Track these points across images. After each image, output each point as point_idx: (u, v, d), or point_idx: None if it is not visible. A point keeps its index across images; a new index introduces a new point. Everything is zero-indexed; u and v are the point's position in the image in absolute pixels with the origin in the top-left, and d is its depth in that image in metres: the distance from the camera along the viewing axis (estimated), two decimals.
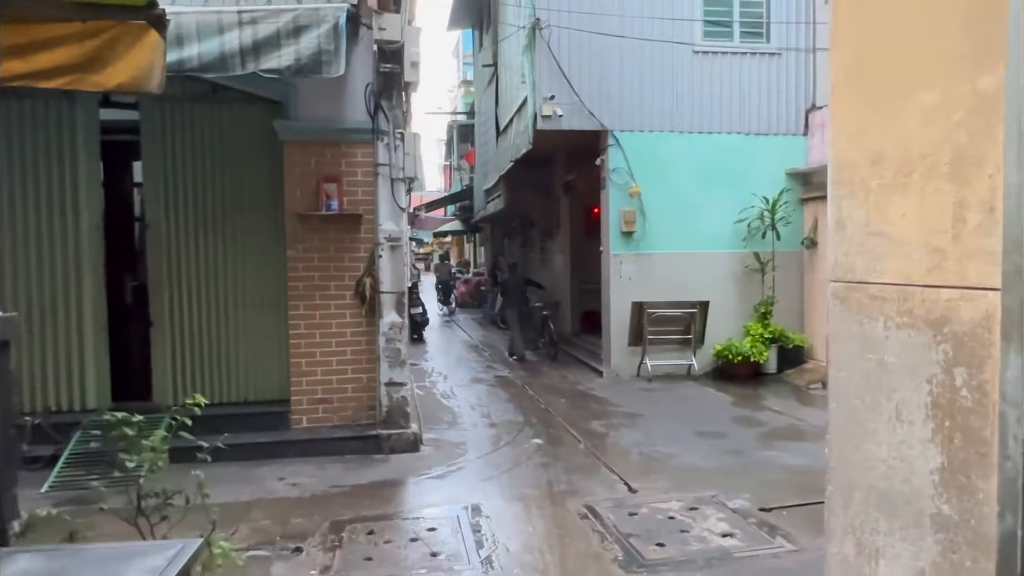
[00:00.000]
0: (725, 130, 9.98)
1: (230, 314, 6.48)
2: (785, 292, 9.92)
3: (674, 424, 7.26)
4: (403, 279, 6.28)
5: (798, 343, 9.77)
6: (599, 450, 6.34)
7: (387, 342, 6.22)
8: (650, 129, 9.83)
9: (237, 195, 6.44)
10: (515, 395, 8.84)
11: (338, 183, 6.25)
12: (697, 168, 9.95)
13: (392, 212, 6.25)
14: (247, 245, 6.47)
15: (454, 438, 6.77)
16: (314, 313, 6.29)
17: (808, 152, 10.07)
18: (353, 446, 6.15)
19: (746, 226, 9.96)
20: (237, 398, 6.54)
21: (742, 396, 8.63)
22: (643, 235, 9.82)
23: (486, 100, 14.66)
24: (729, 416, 7.63)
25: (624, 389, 9.11)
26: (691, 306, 9.76)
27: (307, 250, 6.27)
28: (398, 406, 6.26)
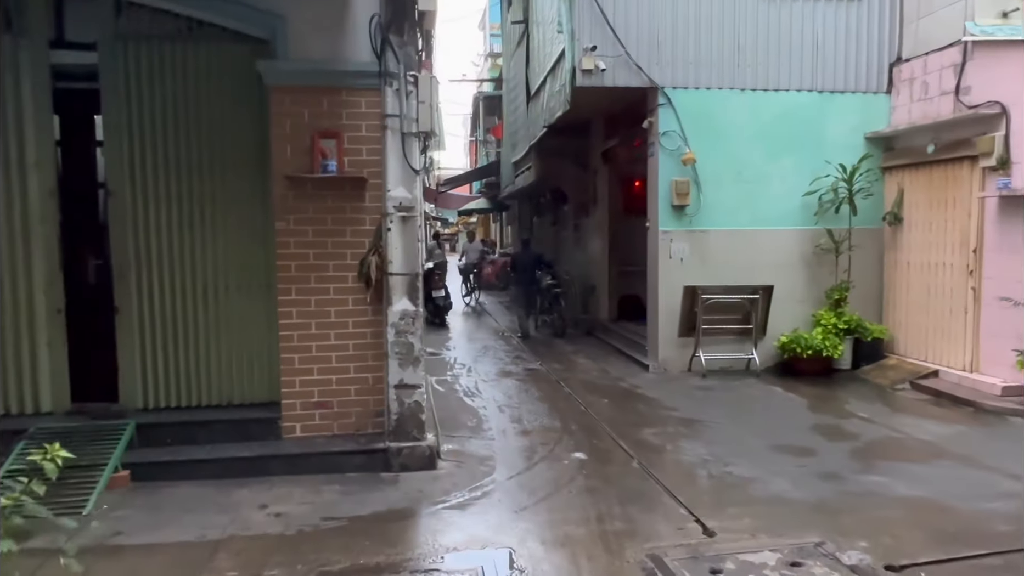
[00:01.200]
0: (795, 87, 8.58)
1: (209, 299, 5.37)
2: (861, 275, 8.56)
3: (744, 434, 6.02)
4: (417, 258, 5.10)
5: (877, 335, 8.42)
6: (657, 469, 5.14)
7: (397, 335, 5.06)
8: (707, 86, 8.47)
9: (218, 155, 5.30)
10: (549, 393, 7.66)
11: (337, 139, 5.07)
12: (761, 131, 8.58)
13: (403, 175, 5.06)
14: (230, 216, 5.34)
15: (479, 450, 5.62)
16: (309, 299, 5.15)
17: (892, 112, 8.63)
18: (356, 462, 5.03)
19: (817, 199, 8.59)
20: (218, 400, 5.45)
21: (817, 398, 7.34)
22: (697, 209, 8.50)
23: (515, 62, 13.36)
24: (808, 424, 6.36)
25: (675, 387, 7.86)
26: (752, 291, 8.45)
27: (299, 222, 5.11)
28: (411, 413, 5.11)
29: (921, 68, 8.13)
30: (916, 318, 8.23)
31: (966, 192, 7.46)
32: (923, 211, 8.10)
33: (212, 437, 5.12)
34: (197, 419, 5.19)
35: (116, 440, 4.83)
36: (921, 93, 8.13)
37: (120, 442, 4.82)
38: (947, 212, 7.74)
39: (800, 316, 8.66)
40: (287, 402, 5.19)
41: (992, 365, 7.15)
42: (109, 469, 4.63)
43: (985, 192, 7.14)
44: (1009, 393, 6.78)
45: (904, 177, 8.39)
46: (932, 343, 7.95)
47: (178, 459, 4.87)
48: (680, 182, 8.39)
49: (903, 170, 8.39)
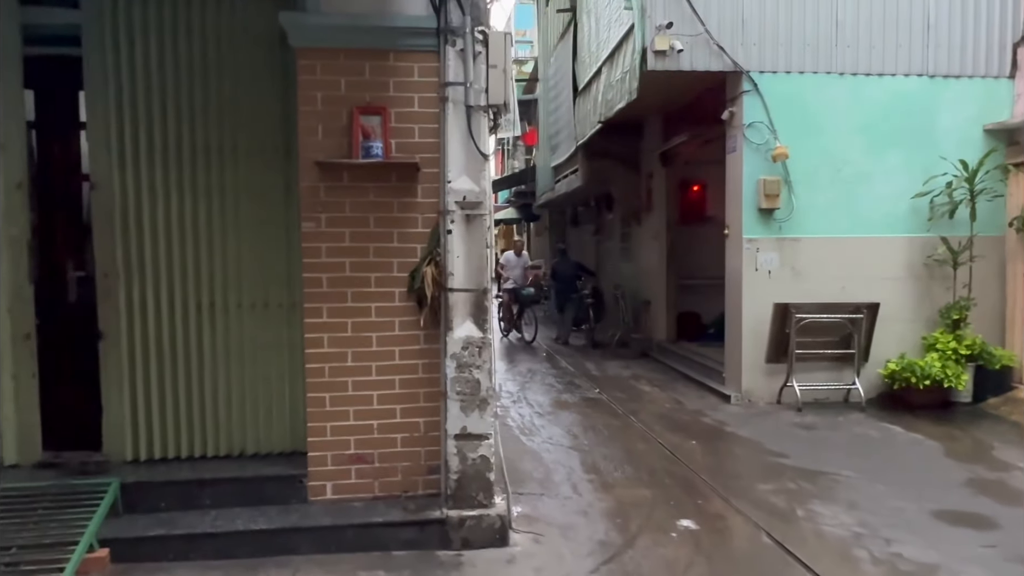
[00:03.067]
0: (902, 71, 7.33)
1: (217, 321, 4.22)
2: (980, 291, 7.26)
3: (887, 493, 4.74)
4: (485, 270, 3.92)
5: (1006, 362, 7.10)
6: (798, 547, 3.89)
7: (459, 369, 3.88)
8: (799, 70, 7.26)
9: (230, 137, 4.17)
10: (620, 430, 6.43)
11: (383, 116, 3.92)
12: (863, 123, 7.34)
13: (468, 161, 3.89)
14: (245, 215, 4.20)
15: (556, 515, 4.39)
16: (344, 322, 3.98)
17: (1016, 100, 7.35)
18: (404, 536, 3.83)
19: (928, 202, 7.32)
20: (227, 450, 4.28)
21: (950, 439, 6.04)
22: (789, 213, 7.26)
23: (558, 57, 12.24)
24: (962, 479, 5.07)
25: (770, 424, 6.59)
26: (854, 310, 7.17)
27: (333, 222, 3.95)
28: (476, 472, 3.91)
29: None
30: None
31: None
32: None
33: (218, 500, 3.95)
34: (199, 476, 4.02)
35: (94, 506, 3.67)
36: None
37: (99, 509, 3.65)
38: None
39: (908, 339, 7.37)
40: (315, 454, 4.01)
41: None
42: (82, 548, 3.45)
43: None
44: None
45: None
46: None
47: (173, 532, 3.70)
48: (769, 181, 7.16)
49: None
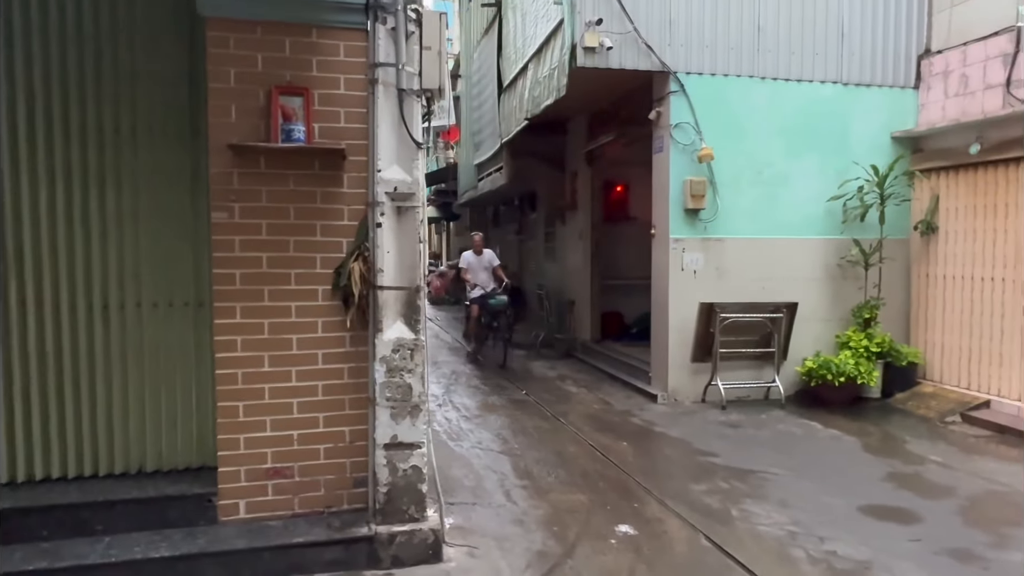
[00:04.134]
0: (819, 78, 7.57)
1: (112, 321, 3.75)
2: (888, 292, 7.58)
3: (815, 490, 4.80)
4: (419, 266, 3.65)
5: (912, 359, 7.44)
6: (737, 549, 3.84)
7: (389, 373, 3.59)
8: (724, 72, 7.35)
9: (125, 117, 3.72)
10: (550, 432, 6.28)
11: (305, 97, 3.58)
12: (782, 127, 7.52)
13: (400, 149, 3.61)
14: (143, 204, 3.76)
15: (491, 525, 4.17)
16: (260, 323, 3.61)
17: (921, 110, 7.73)
18: (328, 556, 3.51)
19: (841, 205, 7.58)
20: (123, 467, 3.82)
21: (866, 435, 6.24)
22: (714, 214, 7.34)
23: (482, 53, 12.02)
24: (882, 474, 5.20)
25: (698, 423, 6.62)
26: (775, 309, 7.33)
27: (248, 213, 3.58)
28: (408, 484, 3.63)
29: (959, 59, 7.25)
30: (955, 340, 7.29)
31: (1022, 197, 6.56)
32: (964, 219, 7.19)
33: (113, 525, 3.50)
34: (91, 498, 3.55)
35: None
36: (959, 87, 7.24)
37: None
38: (996, 220, 6.83)
39: (823, 337, 7.62)
40: (227, 469, 3.62)
41: None
42: None
43: None
44: None
45: (939, 181, 7.47)
46: (978, 368, 7.01)
47: (57, 565, 3.23)
48: (695, 182, 7.21)
49: (937, 173, 7.48)
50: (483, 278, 9.88)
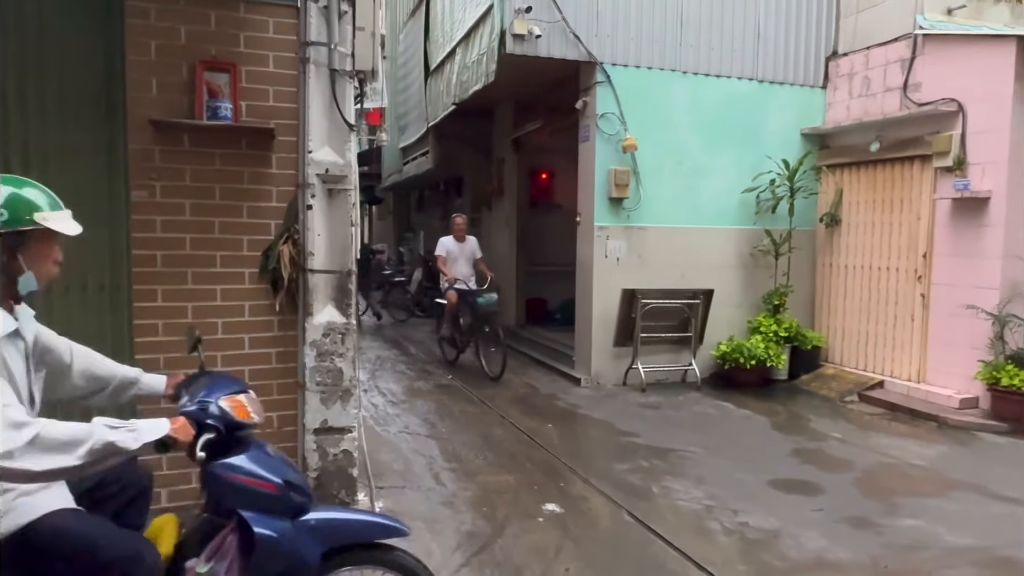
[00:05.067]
0: (736, 74, 7.90)
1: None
2: (796, 279, 8.05)
3: (729, 466, 5.09)
4: (350, 249, 3.61)
5: (816, 343, 7.95)
6: (657, 522, 4.04)
7: (319, 357, 3.56)
8: (648, 65, 7.57)
9: (31, 85, 3.48)
10: (477, 416, 6.36)
11: (232, 73, 3.47)
12: (702, 120, 7.82)
13: (331, 130, 3.56)
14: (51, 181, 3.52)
15: (420, 509, 4.21)
16: (183, 306, 3.50)
17: (828, 108, 8.21)
18: None
19: (755, 197, 7.97)
20: None
21: (774, 415, 6.64)
22: (636, 203, 7.57)
23: (409, 34, 11.86)
24: (788, 450, 5.56)
25: (619, 405, 6.86)
26: (693, 296, 7.66)
27: (171, 192, 3.45)
28: (338, 468, 3.62)
29: (863, 62, 7.74)
30: (854, 325, 7.83)
31: (916, 193, 7.11)
32: (864, 212, 7.71)
33: None
34: None
35: None
36: (862, 89, 7.74)
37: None
38: (893, 214, 7.37)
39: (736, 323, 8.02)
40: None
41: (942, 375, 6.82)
42: None
43: (939, 194, 6.78)
44: (967, 405, 6.43)
45: (843, 176, 7.97)
46: (874, 352, 7.57)
47: None
48: (619, 171, 7.41)
49: (841, 169, 7.98)
50: (464, 271, 8.24)
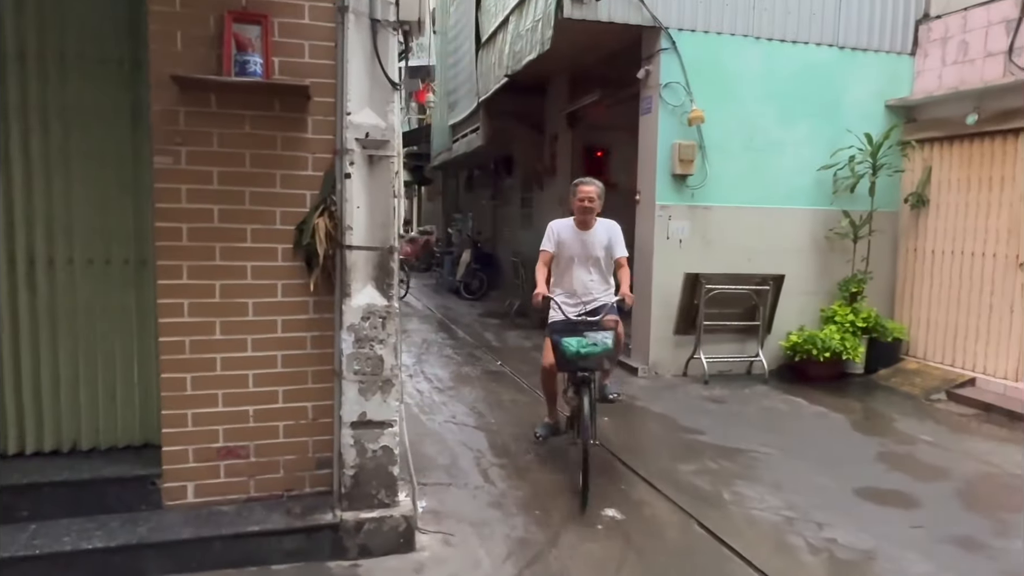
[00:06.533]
0: (815, 40, 7.22)
1: (39, 281, 3.28)
2: (874, 265, 7.37)
3: (807, 471, 4.57)
4: (392, 223, 3.24)
5: (897, 335, 7.28)
6: (731, 536, 3.58)
7: (358, 343, 3.20)
8: (718, 30, 6.96)
9: (51, 42, 3.20)
10: (530, 406, 5.97)
11: (264, 26, 3.11)
12: (776, 91, 7.17)
13: (373, 90, 3.17)
14: (73, 146, 3.26)
15: (466, 510, 3.84)
16: (211, 284, 3.18)
17: (916, 77, 7.45)
18: (288, 546, 3.14)
19: (832, 175, 7.31)
20: (54, 445, 3.39)
21: (849, 411, 6.06)
22: (702, 180, 7.00)
23: (460, 6, 11.42)
24: (873, 453, 5.00)
25: (680, 398, 6.37)
26: (761, 282, 7.08)
27: (197, 159, 3.12)
28: (377, 466, 3.27)
29: (959, 25, 6.96)
30: (940, 316, 7.13)
31: (1019, 170, 6.35)
32: (957, 192, 6.97)
33: (41, 511, 3.08)
34: (14, 480, 3.12)
35: None
36: (958, 54, 6.96)
37: None
38: (991, 194, 6.63)
39: (808, 311, 7.40)
40: (172, 448, 3.21)
41: None
42: None
43: None
44: None
45: (932, 152, 7.23)
46: (964, 346, 6.87)
47: None
48: (684, 146, 6.85)
49: (930, 144, 7.24)
50: (583, 279, 4.58)
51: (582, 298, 4.53)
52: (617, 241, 4.50)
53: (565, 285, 4.57)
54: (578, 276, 4.53)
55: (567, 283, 4.56)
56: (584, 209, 4.43)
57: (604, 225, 4.54)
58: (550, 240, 4.54)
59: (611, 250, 4.51)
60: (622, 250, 4.50)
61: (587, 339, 3.99)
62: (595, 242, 4.49)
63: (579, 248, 4.50)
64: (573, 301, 4.52)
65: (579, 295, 4.53)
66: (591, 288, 4.54)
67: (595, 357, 4.01)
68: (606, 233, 4.51)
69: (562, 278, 4.60)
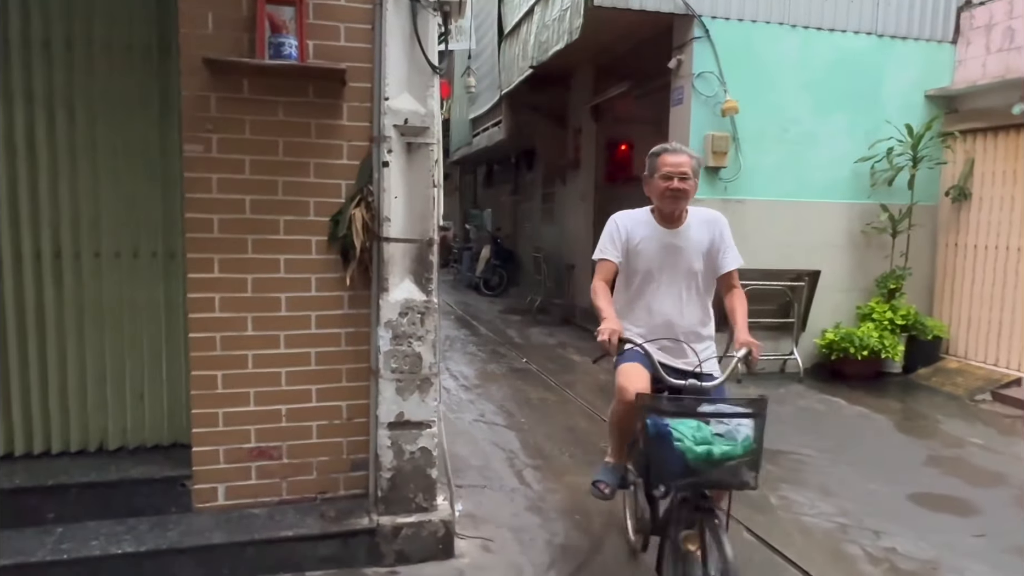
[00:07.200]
0: (852, 28, 6.98)
1: (66, 274, 3.17)
2: (913, 261, 7.13)
3: (854, 475, 4.38)
4: (431, 214, 3.08)
5: (937, 333, 7.04)
6: (783, 543, 3.40)
7: (395, 340, 3.06)
8: (752, 18, 6.74)
9: (79, 28, 3.08)
10: (558, 405, 5.81)
11: (298, 8, 2.96)
12: (812, 80, 6.95)
13: (411, 73, 3.02)
14: (100, 134, 3.14)
15: (504, 514, 3.70)
16: (243, 278, 3.05)
17: (958, 67, 7.20)
18: (322, 552, 3.01)
19: (869, 168, 7.07)
20: (80, 445, 3.28)
21: (891, 412, 5.85)
22: (736, 173, 6.80)
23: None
24: (920, 456, 4.80)
25: None
26: (796, 277, 6.87)
27: (228, 147, 2.98)
28: (415, 468, 3.13)
29: (1005, 11, 6.70)
30: (984, 313, 6.88)
31: None
32: (1002, 185, 6.72)
33: (68, 513, 2.97)
34: (40, 481, 3.01)
35: None
36: (1003, 42, 6.71)
37: None
38: None
39: (844, 308, 7.18)
40: (202, 449, 3.09)
41: None
42: None
43: None
44: None
45: (975, 144, 6.98)
46: (1009, 344, 6.62)
47: None
48: (718, 137, 6.65)
49: (973, 135, 6.99)
50: (673, 308, 2.91)
51: (669, 342, 2.84)
52: (725, 244, 2.86)
53: (638, 318, 2.88)
54: (663, 303, 2.84)
55: (640, 315, 2.87)
56: (675, 193, 2.75)
57: (702, 219, 2.88)
58: (614, 243, 2.84)
59: (715, 259, 2.86)
60: (734, 257, 2.88)
61: (713, 429, 2.29)
62: (691, 246, 2.82)
63: (665, 256, 2.81)
64: (637, 335, 2.79)
65: (664, 336, 2.82)
66: (688, 323, 2.88)
67: (733, 464, 2.25)
68: (707, 231, 2.85)
69: (632, 306, 2.90)
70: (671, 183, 2.75)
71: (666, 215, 2.84)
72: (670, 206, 2.80)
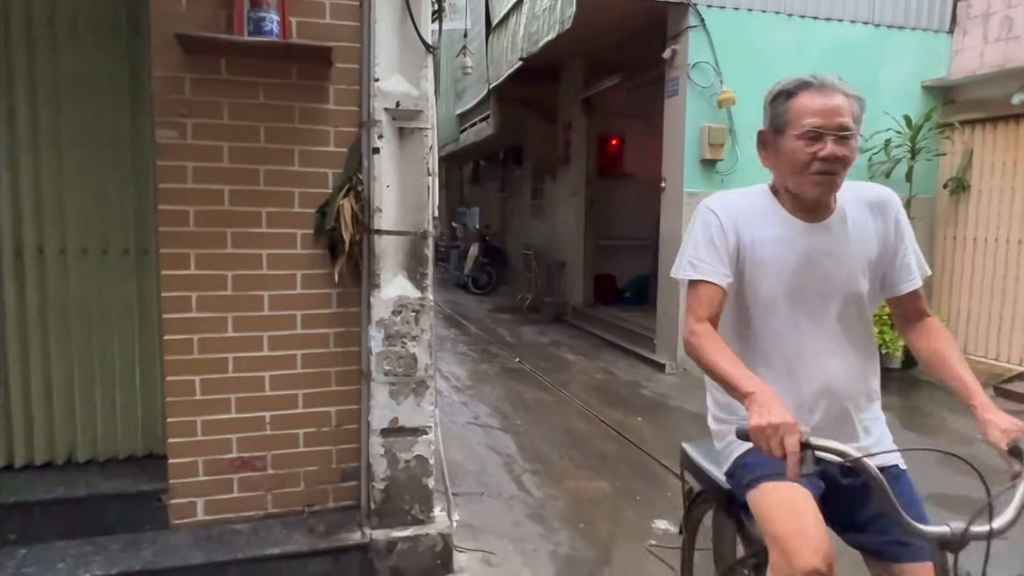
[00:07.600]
0: (849, 17, 6.86)
1: (28, 272, 2.91)
2: None
3: None
4: (426, 205, 2.87)
5: None
6: None
7: (388, 340, 2.84)
8: (748, 7, 6.59)
9: (40, 6, 2.83)
10: (554, 406, 5.62)
11: None
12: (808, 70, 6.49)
13: (403, 53, 2.80)
14: (65, 120, 2.89)
15: (504, 524, 3.49)
16: (222, 275, 2.81)
17: (954, 57, 7.09)
18: (311, 571, 2.78)
19: (867, 159, 6.94)
20: (47, 457, 3.02)
21: (896, 409, 5.70)
22: (732, 166, 6.64)
23: None
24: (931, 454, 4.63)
25: None
26: None
27: (204, 132, 2.75)
28: (411, 478, 2.91)
29: (1003, 0, 6.59)
30: (984, 307, 6.78)
31: None
32: (1001, 176, 6.61)
33: (32, 532, 2.72)
34: (3, 499, 2.75)
35: None
36: (1001, 31, 6.60)
37: None
38: None
39: None
40: (180, 460, 2.85)
41: None
42: None
43: None
44: None
45: (973, 135, 6.87)
46: (1009, 338, 6.52)
47: None
48: (715, 129, 6.49)
49: (971, 126, 6.87)
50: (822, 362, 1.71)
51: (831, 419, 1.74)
52: (904, 243, 1.76)
53: (767, 371, 1.70)
54: (815, 355, 1.72)
55: (774, 378, 1.66)
56: (829, 167, 1.59)
57: (862, 199, 1.75)
58: (717, 251, 1.70)
59: (891, 269, 1.76)
60: (920, 265, 1.79)
61: None
62: (851, 252, 1.71)
63: (807, 271, 1.70)
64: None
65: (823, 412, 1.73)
66: (855, 385, 1.78)
67: None
68: (874, 221, 1.74)
69: (753, 363, 1.68)
70: (821, 146, 1.57)
71: (809, 203, 1.67)
72: (816, 190, 1.62)
